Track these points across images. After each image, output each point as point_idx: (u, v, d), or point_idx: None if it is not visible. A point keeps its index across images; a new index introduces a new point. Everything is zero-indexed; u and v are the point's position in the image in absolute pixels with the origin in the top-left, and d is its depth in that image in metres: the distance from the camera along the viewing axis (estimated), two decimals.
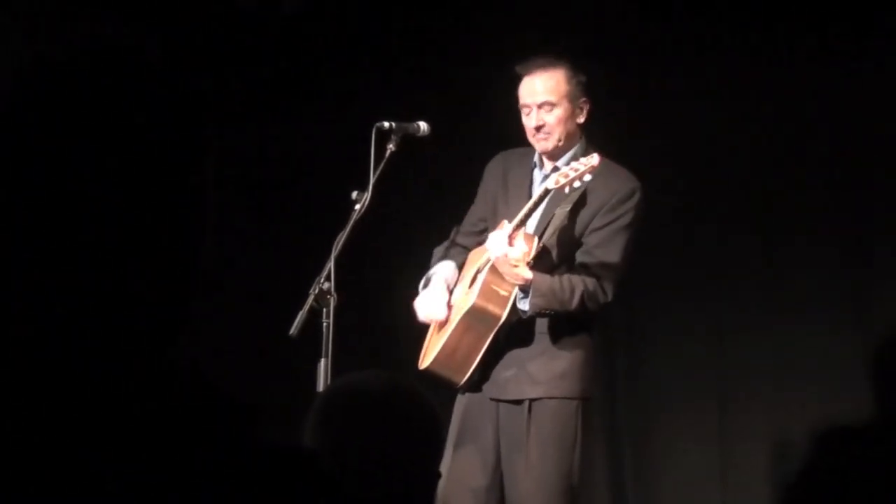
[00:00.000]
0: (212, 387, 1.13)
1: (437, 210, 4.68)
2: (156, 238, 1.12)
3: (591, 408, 4.08)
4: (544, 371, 3.98)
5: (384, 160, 4.00)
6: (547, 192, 3.89)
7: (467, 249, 4.24)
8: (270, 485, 1.11)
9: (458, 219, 4.35)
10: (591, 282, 3.92)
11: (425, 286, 4.17)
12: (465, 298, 4.03)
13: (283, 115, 5.72)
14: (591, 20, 5.23)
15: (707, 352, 5.10)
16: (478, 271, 4.04)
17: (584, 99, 4.07)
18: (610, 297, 3.96)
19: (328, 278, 3.82)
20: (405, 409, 2.29)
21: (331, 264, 3.84)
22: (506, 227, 3.93)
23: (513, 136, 4.27)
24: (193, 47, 5.33)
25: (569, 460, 3.98)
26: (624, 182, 4.02)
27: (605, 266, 3.96)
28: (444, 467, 3.36)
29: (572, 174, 3.84)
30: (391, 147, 4.02)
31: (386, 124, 4.03)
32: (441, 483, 2.77)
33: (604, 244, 3.98)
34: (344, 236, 3.91)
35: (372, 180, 3.96)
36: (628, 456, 5.24)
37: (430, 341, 4.11)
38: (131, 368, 1.11)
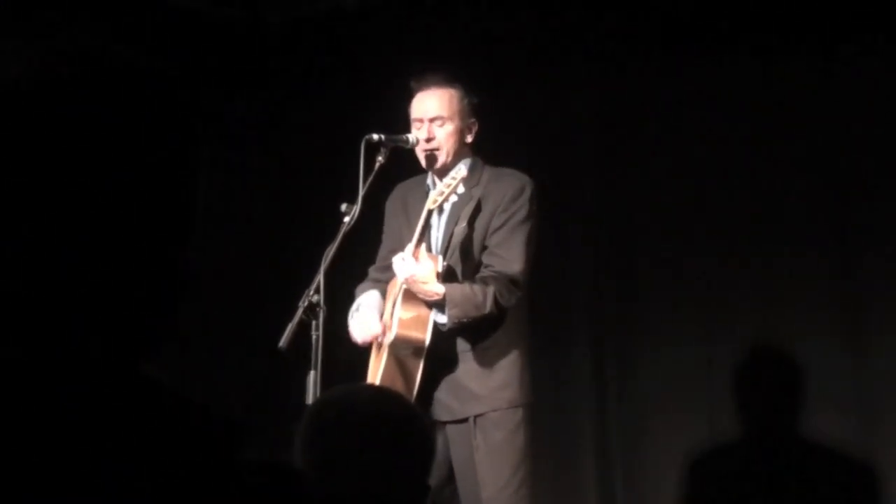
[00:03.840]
0: (196, 403, 1.12)
1: None
2: (141, 243, 1.11)
3: (534, 413, 4.14)
4: (484, 386, 4.04)
5: (373, 172, 4.02)
6: (430, 213, 3.99)
7: (385, 283, 4.27)
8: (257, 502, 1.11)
9: None
10: (500, 280, 4.00)
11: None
12: (388, 333, 4.07)
13: (271, 126, 5.73)
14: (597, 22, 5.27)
15: (698, 359, 5.09)
16: (393, 302, 4.07)
17: (473, 119, 4.19)
18: (521, 292, 4.05)
19: (318, 290, 3.83)
20: (395, 422, 2.29)
21: (320, 276, 3.85)
22: (407, 249, 3.98)
23: (498, 149, 4.30)
24: (183, 58, 5.33)
25: (522, 468, 4.04)
26: (513, 181, 4.13)
27: (510, 262, 4.04)
28: None
29: (446, 190, 3.98)
30: (380, 159, 4.04)
31: (375, 136, 4.05)
32: None
33: (505, 242, 4.07)
34: (333, 249, 3.92)
35: (361, 192, 3.97)
36: (618, 464, 5.24)
37: (371, 374, 4.13)
38: (113, 382, 1.10)
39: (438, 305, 3.96)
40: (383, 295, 4.23)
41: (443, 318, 3.97)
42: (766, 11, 4.98)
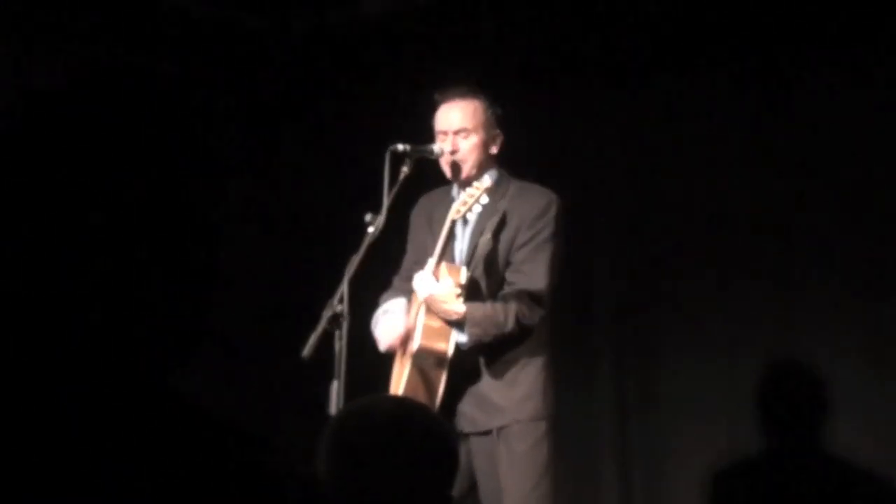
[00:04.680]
0: (218, 415, 1.12)
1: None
2: (171, 253, 1.12)
3: (558, 425, 4.11)
4: (508, 398, 4.02)
5: (398, 183, 4.02)
6: (453, 223, 4.00)
7: (409, 293, 4.25)
8: None
9: None
10: (523, 299, 3.99)
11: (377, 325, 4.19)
12: (411, 342, 4.05)
13: (296, 136, 5.74)
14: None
15: (719, 375, 5.07)
16: (416, 313, 4.07)
17: (497, 131, 4.17)
18: (544, 310, 4.04)
19: (341, 300, 3.82)
20: (418, 433, 2.28)
21: (344, 287, 3.84)
22: (427, 265, 3.97)
23: (523, 158, 4.30)
24: (205, 68, 5.35)
25: (545, 480, 4.02)
26: (539, 197, 4.12)
27: (534, 280, 4.03)
28: None
29: (470, 200, 3.98)
30: (405, 170, 4.04)
31: (400, 147, 4.05)
32: None
33: (530, 259, 4.05)
34: (358, 259, 3.91)
35: (386, 203, 3.97)
36: (638, 479, 5.22)
37: (393, 385, 4.12)
38: (140, 394, 1.10)
39: (458, 325, 3.96)
40: (409, 302, 4.23)
41: (463, 338, 3.96)
42: (797, 23, 4.95)
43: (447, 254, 4.05)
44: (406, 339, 4.08)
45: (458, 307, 3.91)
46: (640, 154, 5.30)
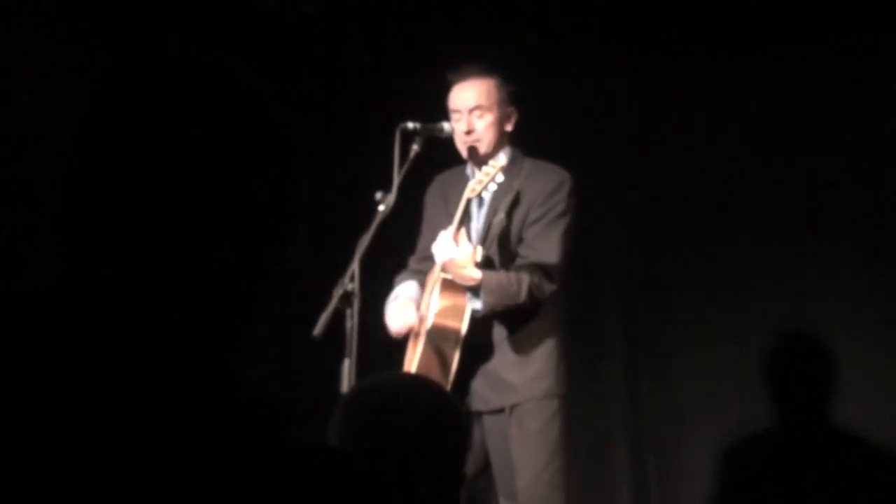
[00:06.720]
0: (241, 386, 1.13)
1: None
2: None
3: (570, 404, 4.14)
4: (520, 376, 4.05)
5: (408, 161, 4.02)
6: (468, 202, 4.03)
7: (424, 274, 4.27)
8: (297, 484, 1.11)
9: None
10: (536, 272, 4.01)
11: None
12: (425, 320, 4.07)
13: (305, 113, 5.73)
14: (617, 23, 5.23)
15: (730, 354, 5.07)
16: (431, 292, 4.08)
17: (512, 108, 4.19)
18: (555, 285, 4.05)
19: (352, 279, 3.83)
20: (429, 410, 2.28)
21: (355, 265, 3.85)
22: (448, 230, 4.00)
23: (534, 138, 4.29)
24: (216, 46, 5.33)
25: (558, 458, 4.04)
26: (552, 175, 4.14)
27: (546, 255, 4.05)
28: None
29: (485, 178, 4.00)
30: (415, 148, 4.05)
31: (410, 125, 4.06)
32: None
33: (542, 235, 4.07)
34: (368, 237, 3.92)
35: (396, 181, 3.97)
36: (651, 457, 5.22)
37: (407, 362, 4.13)
38: (175, 371, 1.11)
39: (474, 291, 3.96)
40: (422, 286, 4.24)
41: (477, 304, 3.97)
42: (809, 11, 4.94)
43: (463, 227, 4.08)
44: (417, 325, 4.10)
45: (474, 273, 3.95)
46: (652, 136, 5.29)
